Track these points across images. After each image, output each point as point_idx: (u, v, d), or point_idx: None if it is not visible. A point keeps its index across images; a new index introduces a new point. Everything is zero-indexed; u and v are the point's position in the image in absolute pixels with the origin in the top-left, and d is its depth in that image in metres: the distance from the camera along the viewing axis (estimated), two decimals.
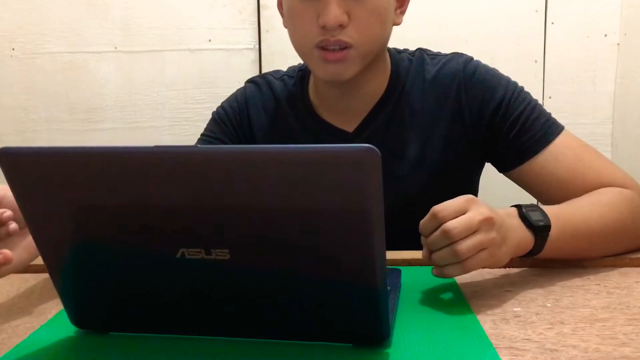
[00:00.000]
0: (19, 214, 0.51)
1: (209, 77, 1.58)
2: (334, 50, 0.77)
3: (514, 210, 0.65)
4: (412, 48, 0.95)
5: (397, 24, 0.85)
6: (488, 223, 0.58)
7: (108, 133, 1.60)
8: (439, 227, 0.58)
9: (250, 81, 0.98)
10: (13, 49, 1.57)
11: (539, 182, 0.81)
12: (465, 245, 0.57)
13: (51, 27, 1.57)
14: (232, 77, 1.56)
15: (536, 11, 1.53)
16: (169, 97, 1.59)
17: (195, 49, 1.58)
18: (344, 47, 0.77)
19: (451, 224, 0.57)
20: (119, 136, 1.60)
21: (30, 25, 1.57)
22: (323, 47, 0.78)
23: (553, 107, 1.51)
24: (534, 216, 0.64)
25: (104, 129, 1.60)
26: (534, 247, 0.64)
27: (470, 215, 0.58)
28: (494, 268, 0.60)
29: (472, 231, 0.57)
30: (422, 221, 0.60)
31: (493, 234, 0.58)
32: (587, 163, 0.79)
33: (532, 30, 1.54)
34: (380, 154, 0.40)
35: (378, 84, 0.88)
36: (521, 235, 0.63)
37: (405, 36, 0.86)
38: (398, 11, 0.85)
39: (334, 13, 0.75)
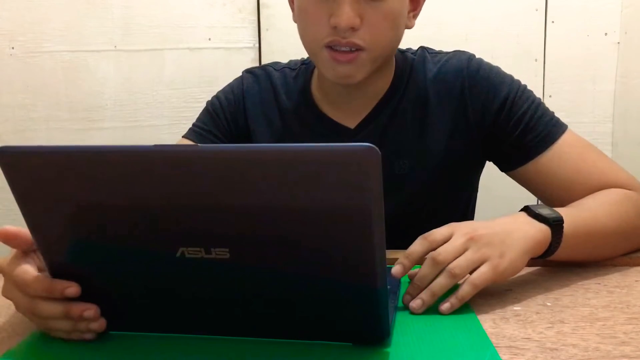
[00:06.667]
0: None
1: (209, 76, 1.58)
2: (344, 51, 0.76)
3: (522, 212, 0.65)
4: (412, 46, 0.95)
5: (409, 27, 0.84)
6: (473, 241, 0.58)
7: (108, 132, 1.60)
8: (427, 252, 0.59)
9: (249, 72, 0.95)
10: (12, 48, 1.57)
11: (543, 181, 0.81)
12: (457, 263, 0.57)
13: (51, 26, 1.56)
14: (232, 76, 1.55)
15: (536, 10, 1.53)
16: (169, 96, 1.59)
17: (195, 47, 1.57)
18: (355, 49, 0.76)
19: (436, 251, 0.58)
20: (119, 135, 1.59)
21: (29, 23, 1.56)
22: (333, 48, 0.76)
23: (553, 105, 1.50)
24: (544, 211, 0.64)
25: (103, 128, 1.60)
26: (551, 242, 0.64)
27: (453, 239, 0.59)
28: (510, 277, 0.61)
29: (459, 253, 0.58)
30: (410, 249, 0.60)
31: (484, 249, 0.58)
32: (591, 163, 0.79)
33: (532, 29, 1.54)
34: (380, 153, 0.40)
35: (383, 82, 0.87)
36: (536, 233, 0.62)
37: (405, 35, 0.86)
38: (411, 14, 0.84)
39: (347, 15, 0.73)
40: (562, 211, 0.65)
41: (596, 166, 0.79)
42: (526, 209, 0.65)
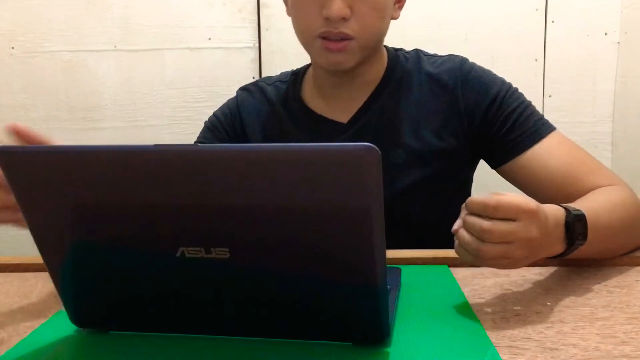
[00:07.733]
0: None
1: (209, 76, 1.58)
2: (335, 40, 0.81)
3: (562, 225, 0.60)
4: (412, 46, 0.96)
5: (395, 18, 0.88)
6: (521, 242, 0.54)
7: (107, 132, 1.60)
8: (483, 213, 0.53)
9: (242, 89, 1.00)
10: (12, 48, 1.57)
11: (531, 177, 0.82)
12: (488, 249, 0.53)
13: (51, 26, 1.56)
14: (231, 76, 1.56)
15: (536, 9, 1.53)
16: (169, 95, 1.59)
17: (195, 47, 1.57)
18: (345, 38, 0.81)
19: (489, 228, 0.53)
20: (119, 135, 1.60)
21: (29, 23, 1.56)
22: (325, 37, 0.81)
23: (553, 105, 1.52)
24: (579, 228, 0.60)
25: (103, 128, 1.60)
26: (560, 255, 0.62)
27: (509, 229, 0.53)
28: (516, 267, 0.58)
29: (503, 240, 0.53)
30: (471, 199, 0.55)
31: (519, 251, 0.54)
32: (580, 160, 0.80)
33: (533, 29, 1.54)
34: (380, 153, 0.40)
35: (374, 75, 0.90)
36: (555, 251, 0.60)
37: (405, 35, 0.87)
38: (396, 6, 0.88)
39: (338, 6, 0.78)
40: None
41: (585, 163, 0.80)
42: (566, 214, 0.60)
